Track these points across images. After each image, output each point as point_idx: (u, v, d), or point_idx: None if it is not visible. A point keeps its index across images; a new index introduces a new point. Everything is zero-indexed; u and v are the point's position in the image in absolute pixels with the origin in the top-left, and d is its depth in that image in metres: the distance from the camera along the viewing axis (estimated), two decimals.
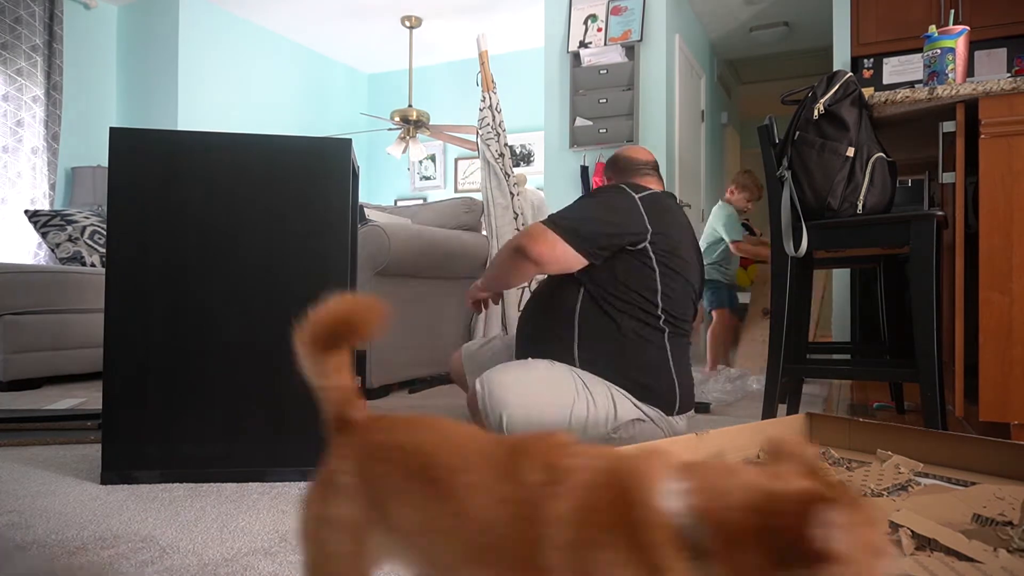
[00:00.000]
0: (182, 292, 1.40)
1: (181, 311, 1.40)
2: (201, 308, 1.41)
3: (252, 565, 0.96)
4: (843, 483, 0.43)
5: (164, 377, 1.39)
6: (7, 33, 4.43)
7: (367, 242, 2.60)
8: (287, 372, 1.40)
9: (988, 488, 1.19)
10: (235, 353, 1.41)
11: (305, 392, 1.41)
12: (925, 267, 1.71)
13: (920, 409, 1.84)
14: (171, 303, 1.40)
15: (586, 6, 4.46)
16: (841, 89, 1.84)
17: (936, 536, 0.94)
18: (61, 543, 1.04)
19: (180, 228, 1.41)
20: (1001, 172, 1.69)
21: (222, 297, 1.41)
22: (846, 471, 1.34)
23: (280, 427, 1.41)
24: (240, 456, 1.41)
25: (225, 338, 1.41)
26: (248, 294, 1.42)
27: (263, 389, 1.41)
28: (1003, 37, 3.51)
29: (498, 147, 3.22)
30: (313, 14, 5.59)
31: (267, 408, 1.41)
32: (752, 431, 1.56)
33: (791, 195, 1.90)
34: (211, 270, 1.41)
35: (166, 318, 1.40)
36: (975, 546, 0.91)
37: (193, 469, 1.39)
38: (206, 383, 1.40)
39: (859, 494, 1.13)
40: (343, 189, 1.45)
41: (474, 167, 6.52)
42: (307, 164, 1.43)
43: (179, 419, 1.40)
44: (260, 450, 1.41)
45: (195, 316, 1.40)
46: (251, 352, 1.41)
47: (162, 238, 1.40)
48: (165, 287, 1.40)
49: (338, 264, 1.44)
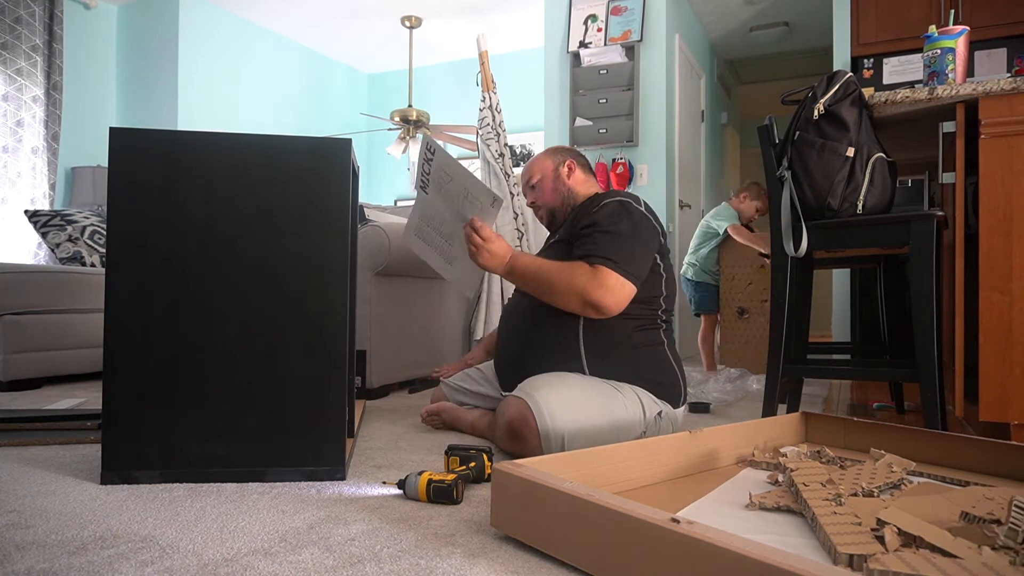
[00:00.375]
0: (182, 292, 1.40)
1: (181, 311, 1.40)
2: (201, 308, 1.41)
3: (252, 565, 0.96)
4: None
5: (164, 377, 1.39)
6: (7, 33, 4.43)
7: (367, 242, 2.60)
8: (286, 372, 1.41)
9: (979, 488, 1.20)
10: (235, 353, 1.41)
11: (304, 391, 1.41)
12: (925, 267, 1.72)
13: (920, 409, 1.84)
14: (171, 303, 1.40)
15: (586, 6, 4.46)
16: (841, 89, 1.84)
17: (921, 533, 0.95)
18: (61, 543, 1.04)
19: (180, 228, 1.40)
20: (1001, 172, 1.69)
21: (222, 297, 1.41)
22: (839, 469, 1.34)
23: (279, 427, 1.41)
24: (240, 456, 1.40)
25: (225, 338, 1.41)
26: (247, 294, 1.41)
27: (263, 389, 1.41)
28: (1003, 37, 3.51)
29: (498, 147, 3.22)
30: (313, 14, 5.59)
31: (267, 408, 1.41)
32: (747, 430, 1.56)
33: (791, 195, 1.90)
34: (211, 270, 1.41)
35: (166, 318, 1.40)
36: (959, 543, 0.92)
37: (193, 469, 1.39)
38: (206, 383, 1.40)
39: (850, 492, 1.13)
40: (343, 189, 1.44)
41: (474, 167, 6.52)
42: (307, 164, 1.43)
43: (179, 419, 1.39)
44: (260, 450, 1.41)
45: (195, 316, 1.40)
46: (251, 352, 1.41)
47: (162, 238, 1.40)
48: (165, 287, 1.40)
49: (338, 264, 1.44)
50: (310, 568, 0.95)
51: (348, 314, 1.46)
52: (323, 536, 1.08)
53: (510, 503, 1.07)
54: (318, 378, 1.42)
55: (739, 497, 1.26)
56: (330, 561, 0.98)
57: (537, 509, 1.02)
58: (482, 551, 1.02)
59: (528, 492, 1.04)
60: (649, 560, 0.86)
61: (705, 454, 1.46)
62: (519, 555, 1.01)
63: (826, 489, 1.18)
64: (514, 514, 1.07)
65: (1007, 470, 1.33)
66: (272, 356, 1.41)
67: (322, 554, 1.01)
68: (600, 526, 0.93)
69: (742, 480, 1.39)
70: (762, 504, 1.18)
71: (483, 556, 1.00)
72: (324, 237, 1.43)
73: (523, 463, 1.14)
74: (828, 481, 1.23)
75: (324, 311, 1.43)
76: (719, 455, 1.49)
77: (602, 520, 0.92)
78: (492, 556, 1.00)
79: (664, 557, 0.84)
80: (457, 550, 1.03)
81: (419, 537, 1.08)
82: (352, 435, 1.73)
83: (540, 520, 1.02)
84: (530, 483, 1.04)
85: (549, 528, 1.01)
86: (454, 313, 3.18)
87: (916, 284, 1.73)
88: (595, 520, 0.93)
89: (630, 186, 4.35)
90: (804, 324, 2.26)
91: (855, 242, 1.89)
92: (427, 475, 1.28)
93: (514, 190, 3.19)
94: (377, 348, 2.63)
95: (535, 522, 1.03)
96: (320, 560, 0.98)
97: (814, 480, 1.23)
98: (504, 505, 1.09)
